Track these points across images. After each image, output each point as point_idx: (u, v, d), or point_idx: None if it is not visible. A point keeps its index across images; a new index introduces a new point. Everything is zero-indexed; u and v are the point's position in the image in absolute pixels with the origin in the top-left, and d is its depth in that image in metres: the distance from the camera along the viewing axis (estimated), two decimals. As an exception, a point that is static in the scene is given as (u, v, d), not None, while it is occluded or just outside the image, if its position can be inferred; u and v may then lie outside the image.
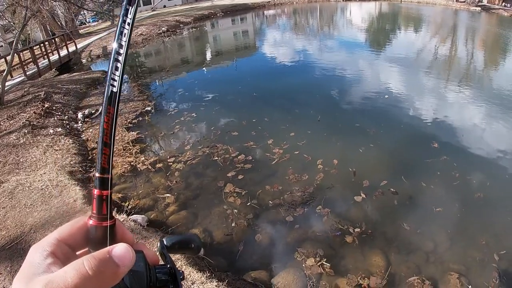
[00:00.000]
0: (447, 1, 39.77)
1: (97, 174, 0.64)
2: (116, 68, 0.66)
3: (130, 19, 0.67)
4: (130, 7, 0.66)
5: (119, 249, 0.59)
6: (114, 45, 0.66)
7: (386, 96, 12.11)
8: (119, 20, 0.67)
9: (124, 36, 0.66)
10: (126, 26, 0.66)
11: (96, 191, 0.64)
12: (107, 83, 0.66)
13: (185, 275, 0.81)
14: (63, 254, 0.59)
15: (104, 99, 0.65)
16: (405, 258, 5.58)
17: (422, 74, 14.90)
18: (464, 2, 38.25)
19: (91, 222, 0.63)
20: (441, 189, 7.14)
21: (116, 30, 0.66)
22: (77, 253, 0.63)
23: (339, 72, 15.73)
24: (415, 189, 7.16)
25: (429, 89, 12.88)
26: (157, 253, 0.77)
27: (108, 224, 0.64)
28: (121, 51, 0.66)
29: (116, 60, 0.66)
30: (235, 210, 6.97)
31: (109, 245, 0.61)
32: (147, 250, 0.69)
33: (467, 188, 7.12)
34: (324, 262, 5.51)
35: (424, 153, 8.41)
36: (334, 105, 11.86)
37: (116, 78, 0.66)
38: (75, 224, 0.63)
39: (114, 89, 0.66)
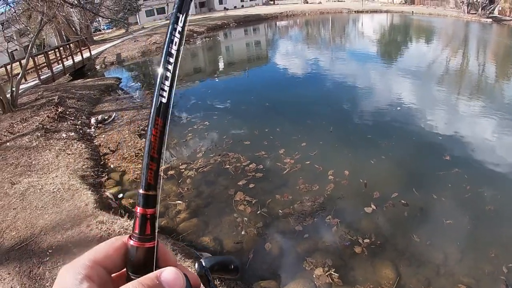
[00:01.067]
0: (458, 12, 39.75)
1: (141, 191, 0.61)
2: (166, 78, 0.63)
3: (181, 27, 0.64)
4: (181, 15, 0.64)
5: (169, 274, 0.57)
6: (164, 54, 0.64)
7: (398, 108, 12.06)
8: (168, 28, 0.64)
9: (175, 45, 0.64)
10: (177, 35, 0.64)
11: (139, 209, 0.60)
12: (156, 93, 0.63)
13: None
14: (99, 278, 0.55)
15: (152, 109, 0.62)
16: (414, 270, 5.50)
17: (433, 87, 14.81)
18: (475, 13, 38.14)
19: (132, 242, 0.59)
20: (452, 201, 7.05)
21: (166, 38, 0.64)
22: (113, 275, 0.59)
23: (351, 84, 15.69)
24: (426, 201, 7.06)
25: (441, 102, 12.79)
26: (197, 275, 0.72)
27: (152, 246, 0.60)
28: (171, 60, 0.64)
29: (166, 69, 0.63)
30: (245, 218, 6.93)
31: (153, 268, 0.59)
32: (188, 272, 0.64)
33: (478, 201, 7.01)
34: (332, 272, 5.45)
35: (436, 166, 8.33)
36: (346, 117, 11.81)
37: (166, 88, 0.63)
38: (112, 245, 0.59)
39: (164, 100, 0.63)
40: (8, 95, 13.74)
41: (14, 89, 13.97)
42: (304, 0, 65.39)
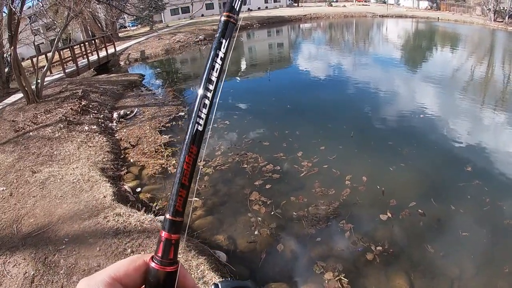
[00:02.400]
0: (484, 20, 39.15)
1: (168, 216, 0.62)
2: (204, 105, 0.63)
3: (223, 53, 0.64)
4: (224, 41, 0.64)
5: None
6: (204, 80, 0.64)
7: (421, 116, 11.87)
8: (210, 53, 0.64)
9: (215, 72, 0.64)
10: (218, 61, 0.64)
11: (164, 233, 0.61)
12: (192, 120, 0.63)
13: None
14: None
15: (187, 137, 0.63)
16: (426, 281, 5.39)
17: (457, 95, 14.54)
18: (502, 22, 37.51)
19: (153, 264, 0.60)
20: (470, 214, 6.85)
21: (207, 63, 0.64)
22: None
23: (374, 89, 15.50)
24: (443, 212, 6.88)
25: (465, 111, 12.54)
26: None
27: (173, 270, 0.61)
28: (211, 87, 0.64)
29: (205, 97, 0.63)
30: (259, 218, 6.90)
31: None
32: None
33: (497, 215, 6.82)
34: (342, 277, 5.38)
35: (457, 176, 8.14)
36: (368, 122, 11.66)
37: (203, 116, 0.63)
38: (133, 263, 0.59)
39: (200, 128, 0.63)
40: (33, 87, 13.97)
41: (39, 81, 14.20)
42: (329, 3, 65.23)
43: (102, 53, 24.78)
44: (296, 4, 68.36)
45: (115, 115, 13.17)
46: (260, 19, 45.79)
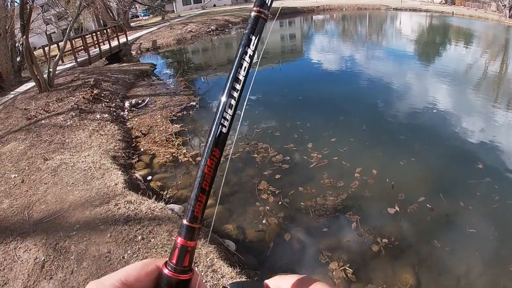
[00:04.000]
0: (499, 16, 38.50)
1: (185, 221, 0.58)
2: (230, 106, 0.60)
3: (252, 51, 0.61)
4: (254, 37, 0.62)
5: None
6: (230, 79, 0.61)
7: (433, 111, 11.70)
8: (238, 50, 0.61)
9: (244, 70, 0.61)
10: (247, 59, 0.61)
11: (180, 240, 0.57)
12: (216, 121, 0.60)
13: None
14: None
15: (210, 139, 0.59)
16: (433, 277, 5.31)
17: (471, 92, 14.26)
18: (517, 18, 36.92)
19: (166, 271, 0.57)
20: (479, 210, 6.73)
21: (234, 61, 0.60)
22: None
23: (386, 83, 15.31)
24: (452, 208, 6.76)
25: (478, 108, 12.29)
26: None
27: (187, 278, 0.57)
28: (238, 86, 0.61)
29: (231, 97, 0.60)
30: (267, 207, 6.89)
31: None
32: None
33: (506, 213, 6.70)
34: (347, 268, 5.35)
35: (467, 173, 7.97)
36: (380, 116, 11.50)
37: (228, 117, 0.60)
38: (144, 268, 0.56)
39: (224, 130, 0.60)
40: (45, 76, 14.04)
41: (51, 69, 14.25)
42: (342, -5, 64.63)
43: (114, 43, 24.86)
44: (309, -5, 67.88)
45: (126, 104, 13.18)
46: (272, 10, 45.20)
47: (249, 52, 0.61)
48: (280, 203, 7.02)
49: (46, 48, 19.45)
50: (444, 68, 18.20)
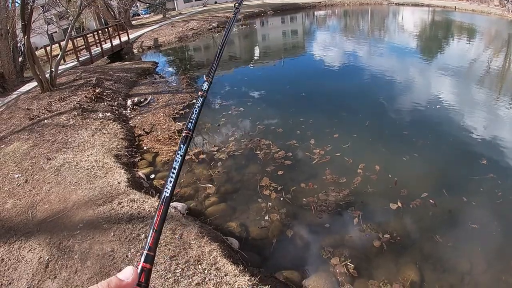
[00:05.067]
0: (502, 11, 38.28)
1: (145, 252, 0.81)
2: (171, 182, 0.89)
3: (183, 153, 0.96)
4: (183, 146, 0.96)
5: (125, 269, 0.74)
6: (172, 167, 0.92)
7: (437, 107, 11.64)
8: (176, 153, 0.95)
9: (178, 163, 0.94)
10: (180, 157, 0.94)
11: (141, 264, 0.78)
12: (164, 188, 0.88)
13: None
14: None
15: (160, 199, 0.87)
16: (437, 274, 5.28)
17: (474, 87, 14.15)
18: (520, 13, 36.71)
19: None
20: (482, 206, 6.66)
21: (174, 157, 0.94)
22: None
23: (389, 79, 15.22)
24: (455, 204, 6.70)
25: (481, 104, 12.18)
26: None
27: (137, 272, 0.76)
28: (175, 172, 0.91)
29: (171, 177, 0.90)
30: (269, 204, 6.90)
31: None
32: None
33: (510, 208, 6.69)
34: (348, 263, 5.36)
35: (471, 169, 7.90)
36: (383, 111, 11.44)
37: (169, 188, 0.89)
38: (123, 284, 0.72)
39: (167, 195, 0.88)
40: (47, 75, 14.06)
41: (53, 69, 14.28)
42: (344, -10, 64.43)
43: (116, 41, 24.86)
44: (310, -9, 67.68)
45: (129, 102, 13.19)
46: (274, 6, 45.44)
47: (181, 153, 0.96)
48: (282, 199, 7.03)
49: (48, 48, 19.51)
50: (447, 63, 18.10)
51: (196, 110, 1.11)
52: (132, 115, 12.13)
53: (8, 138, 10.10)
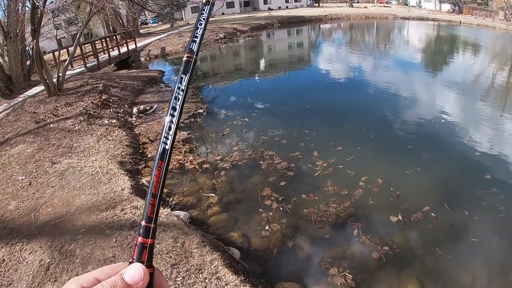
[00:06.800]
0: (507, 25, 38.46)
1: (142, 223, 0.67)
2: (170, 128, 0.73)
3: (184, 86, 0.76)
4: (185, 76, 0.77)
5: (131, 268, 0.63)
6: (169, 107, 0.75)
7: (441, 121, 11.66)
8: (174, 87, 0.77)
9: (178, 100, 0.75)
10: (180, 92, 0.76)
11: (140, 239, 0.66)
12: (160, 140, 0.73)
13: None
14: None
15: (157, 155, 0.72)
16: (434, 283, 5.29)
17: (479, 102, 14.21)
18: (525, 27, 36.88)
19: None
20: (485, 220, 6.66)
21: (172, 94, 0.75)
22: None
23: (394, 93, 15.28)
24: (457, 218, 6.71)
25: (486, 119, 12.21)
26: None
27: (149, 272, 0.65)
28: (175, 113, 0.74)
29: (170, 122, 0.74)
30: (270, 213, 6.93)
31: None
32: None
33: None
34: (347, 274, 5.37)
35: (474, 183, 7.92)
36: (388, 125, 11.48)
37: (169, 137, 0.73)
38: (115, 268, 0.64)
39: (167, 147, 0.72)
40: (55, 80, 14.17)
41: (60, 74, 14.40)
42: (350, 3, 64.90)
43: (123, 49, 25.03)
44: (317, 4, 68.21)
45: (134, 110, 13.26)
46: (280, 19, 45.79)
47: (182, 87, 0.76)
48: (283, 209, 7.07)
49: (56, 53, 19.66)
50: (452, 78, 18.17)
51: (201, 25, 0.82)
52: (137, 123, 12.19)
53: (13, 140, 10.16)
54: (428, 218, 6.68)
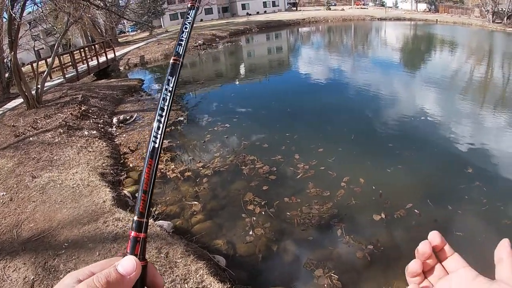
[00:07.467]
0: (483, 22, 39.26)
1: (135, 218, 0.69)
2: (158, 128, 0.74)
3: (172, 87, 0.77)
4: (172, 78, 0.78)
5: (125, 260, 0.64)
6: (158, 108, 0.76)
7: (421, 118, 11.85)
8: (162, 89, 0.77)
9: (166, 101, 0.76)
10: (168, 93, 0.76)
11: (133, 233, 0.68)
12: (150, 139, 0.74)
13: None
14: None
15: (147, 153, 0.73)
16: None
17: (457, 98, 14.46)
18: (500, 23, 37.58)
19: None
20: (468, 214, 6.80)
21: (160, 95, 0.76)
22: None
23: (373, 92, 15.45)
24: (440, 213, 6.84)
25: (465, 114, 12.47)
26: None
27: (141, 265, 0.67)
28: (163, 113, 0.75)
29: (159, 121, 0.74)
30: (253, 218, 6.96)
31: (140, 285, 0.66)
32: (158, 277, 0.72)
33: (495, 215, 6.77)
34: (332, 274, 5.43)
35: (456, 178, 8.07)
36: (368, 125, 11.61)
37: (158, 136, 0.74)
38: (110, 262, 0.66)
39: (156, 145, 0.73)
40: (33, 92, 14.03)
41: (39, 86, 14.26)
42: (327, 6, 65.52)
43: (102, 58, 24.93)
44: (295, 8, 68.76)
45: (114, 120, 13.19)
46: (259, 24, 45.97)
47: (169, 88, 0.77)
48: (266, 213, 7.10)
49: (34, 64, 19.43)
50: (430, 75, 18.49)
51: (186, 28, 0.89)
52: (117, 133, 12.12)
53: (-7, 156, 10.04)
54: (411, 215, 6.79)
